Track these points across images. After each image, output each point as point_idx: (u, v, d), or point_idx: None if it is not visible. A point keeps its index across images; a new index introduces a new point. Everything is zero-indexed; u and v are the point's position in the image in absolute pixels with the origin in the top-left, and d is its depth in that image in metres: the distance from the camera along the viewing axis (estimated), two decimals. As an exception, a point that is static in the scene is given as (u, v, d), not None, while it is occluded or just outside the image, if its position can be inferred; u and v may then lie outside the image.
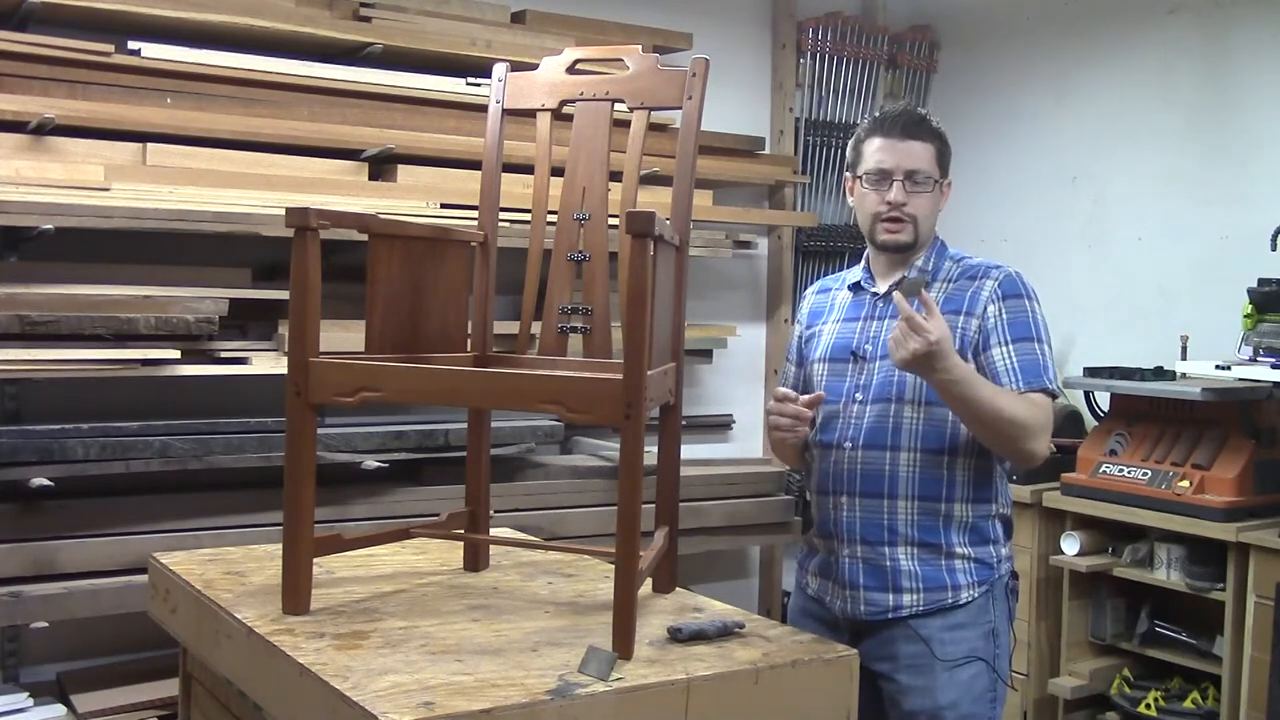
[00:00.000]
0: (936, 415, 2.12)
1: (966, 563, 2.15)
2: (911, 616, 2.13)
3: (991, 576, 2.17)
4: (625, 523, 1.70)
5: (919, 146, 2.17)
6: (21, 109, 2.94)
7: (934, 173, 2.18)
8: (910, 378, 2.11)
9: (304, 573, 1.89)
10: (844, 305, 2.30)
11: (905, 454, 2.14)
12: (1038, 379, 2.09)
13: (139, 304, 3.02)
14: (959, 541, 2.15)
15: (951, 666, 2.11)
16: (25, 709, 3.01)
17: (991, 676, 2.14)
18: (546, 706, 1.55)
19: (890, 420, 2.15)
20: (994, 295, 2.14)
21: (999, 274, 2.17)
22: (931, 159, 2.18)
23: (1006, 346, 2.11)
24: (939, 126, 2.23)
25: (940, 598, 2.13)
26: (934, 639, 2.11)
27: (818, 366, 2.29)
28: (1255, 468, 3.27)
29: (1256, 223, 3.49)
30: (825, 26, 4.55)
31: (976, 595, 2.14)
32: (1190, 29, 3.92)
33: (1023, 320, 2.13)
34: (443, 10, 3.67)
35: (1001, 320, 2.12)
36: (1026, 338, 2.12)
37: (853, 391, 2.20)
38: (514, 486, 3.53)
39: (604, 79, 2.18)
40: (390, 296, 2.02)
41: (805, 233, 4.54)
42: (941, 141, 2.21)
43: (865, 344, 2.21)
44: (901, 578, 2.13)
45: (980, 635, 2.14)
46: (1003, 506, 2.22)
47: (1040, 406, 2.08)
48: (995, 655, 2.15)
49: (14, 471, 2.87)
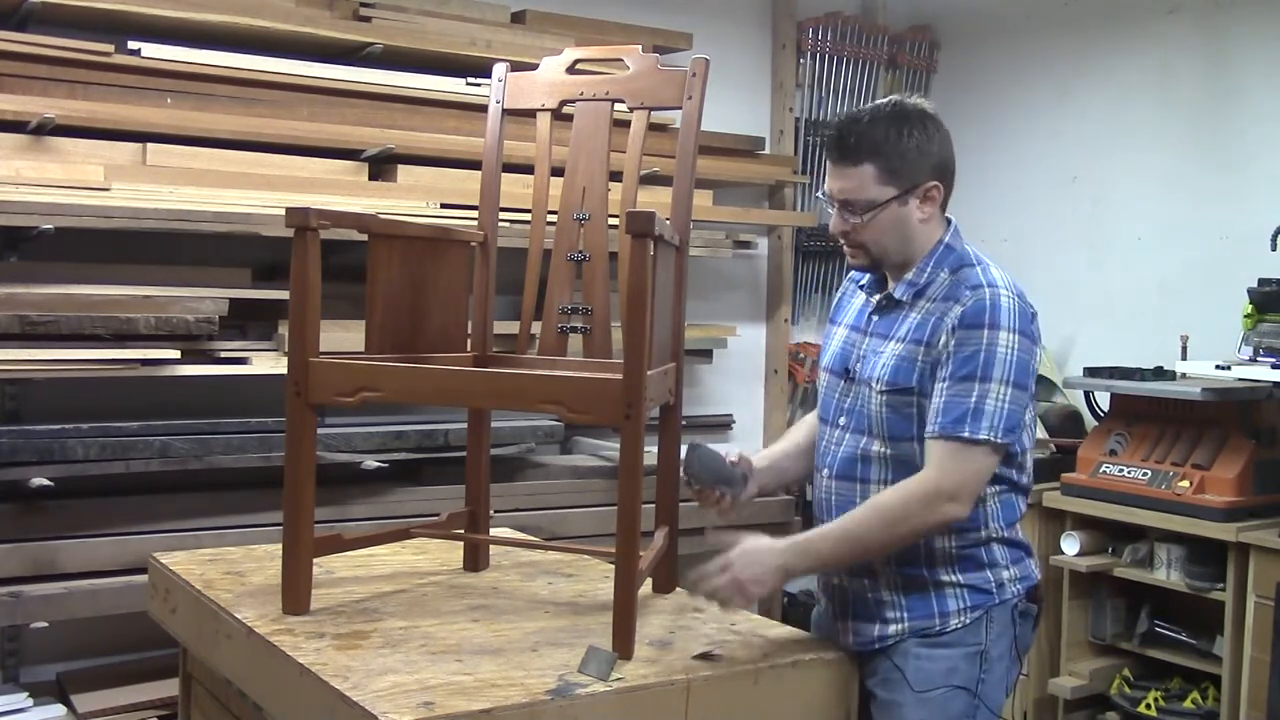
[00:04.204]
0: (904, 450, 1.97)
1: (957, 589, 1.99)
2: (899, 643, 1.99)
3: (989, 602, 1.99)
4: (625, 523, 1.70)
5: (851, 172, 1.95)
6: (21, 109, 2.94)
7: (874, 195, 1.95)
8: (874, 410, 1.99)
9: (304, 573, 1.89)
10: (856, 309, 2.15)
11: (875, 487, 1.99)
12: (959, 425, 1.86)
13: (139, 304, 3.01)
14: (945, 571, 1.99)
15: (924, 686, 1.96)
16: (25, 709, 3.01)
17: (971, 702, 1.97)
18: (546, 706, 1.55)
19: (859, 451, 2.02)
20: (953, 324, 1.91)
21: (969, 298, 1.92)
22: (868, 181, 1.94)
23: (944, 383, 1.90)
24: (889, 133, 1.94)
25: (927, 625, 1.98)
26: (910, 654, 1.98)
27: (821, 376, 2.17)
28: (1255, 468, 3.27)
29: (1256, 223, 3.49)
30: (825, 26, 4.55)
31: (968, 621, 1.99)
32: (1190, 29, 3.92)
33: (973, 355, 1.88)
34: (443, 10, 3.67)
35: (949, 354, 1.90)
36: (968, 376, 1.88)
37: (837, 415, 2.08)
38: (514, 486, 3.53)
39: (604, 79, 2.18)
40: (390, 296, 2.02)
41: (805, 233, 4.54)
42: (886, 154, 1.94)
43: (856, 361, 2.07)
44: (885, 609, 2.00)
45: (963, 656, 1.97)
46: (1000, 530, 2.01)
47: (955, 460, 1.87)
48: (980, 680, 1.97)
49: (14, 471, 2.87)
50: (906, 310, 1.99)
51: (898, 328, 1.99)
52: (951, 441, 1.87)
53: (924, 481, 1.89)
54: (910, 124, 1.96)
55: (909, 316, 1.98)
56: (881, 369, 1.98)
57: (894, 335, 1.99)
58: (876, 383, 1.98)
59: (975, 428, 1.86)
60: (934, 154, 1.98)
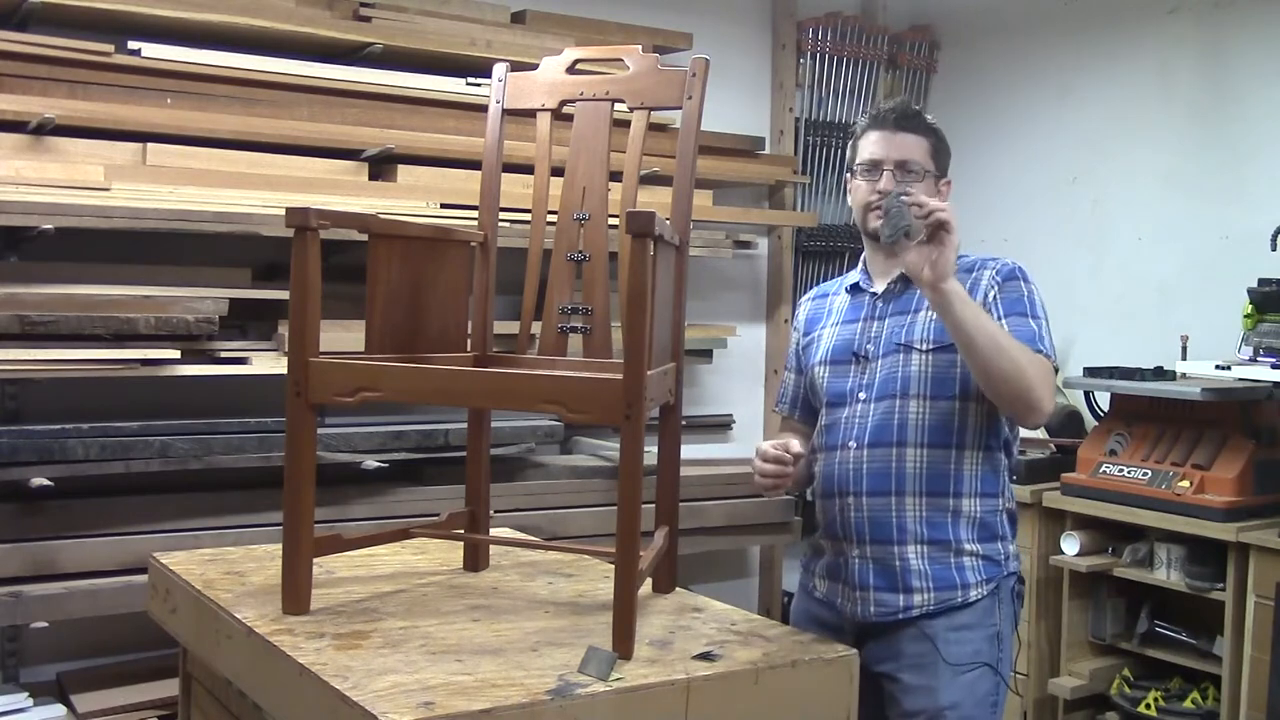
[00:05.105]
0: (942, 409, 2.12)
1: (975, 559, 2.14)
2: (921, 617, 2.12)
3: (999, 574, 2.16)
4: (625, 523, 1.70)
5: (911, 139, 2.18)
6: (21, 109, 2.95)
7: (927, 165, 2.18)
8: (915, 371, 2.12)
9: (304, 573, 1.89)
10: (842, 309, 2.29)
11: (912, 449, 2.12)
12: (1034, 343, 2.07)
13: (139, 304, 3.02)
14: (968, 537, 2.13)
15: (956, 667, 2.10)
16: (25, 709, 3.01)
17: (995, 680, 2.13)
18: (546, 706, 1.55)
19: (895, 416, 2.13)
20: (992, 281, 2.14)
21: (997, 264, 2.17)
22: (925, 152, 2.18)
23: (1002, 321, 2.10)
24: (935, 124, 2.23)
25: (950, 597, 2.12)
26: (940, 638, 2.10)
27: (819, 370, 2.27)
28: (1255, 468, 3.27)
29: (1256, 223, 3.49)
30: (825, 26, 4.55)
31: (984, 595, 2.13)
32: (1190, 29, 3.92)
33: (1018, 298, 2.13)
34: (443, 10, 3.67)
35: (998, 300, 2.12)
36: (1022, 313, 2.11)
37: (855, 391, 2.19)
38: (514, 486, 3.53)
39: (604, 79, 2.18)
40: (390, 296, 2.02)
41: (805, 233, 4.54)
42: (936, 137, 2.21)
43: (867, 344, 2.20)
44: (911, 577, 2.12)
45: (985, 638, 2.13)
46: (1009, 501, 2.21)
47: (1039, 363, 2.05)
48: (999, 659, 2.14)
49: (14, 471, 2.87)
50: None
51: (919, 300, 2.14)
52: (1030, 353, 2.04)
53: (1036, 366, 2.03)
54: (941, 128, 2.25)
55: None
56: (923, 330, 2.14)
57: (920, 307, 2.15)
58: (921, 343, 2.13)
59: (1043, 345, 2.08)
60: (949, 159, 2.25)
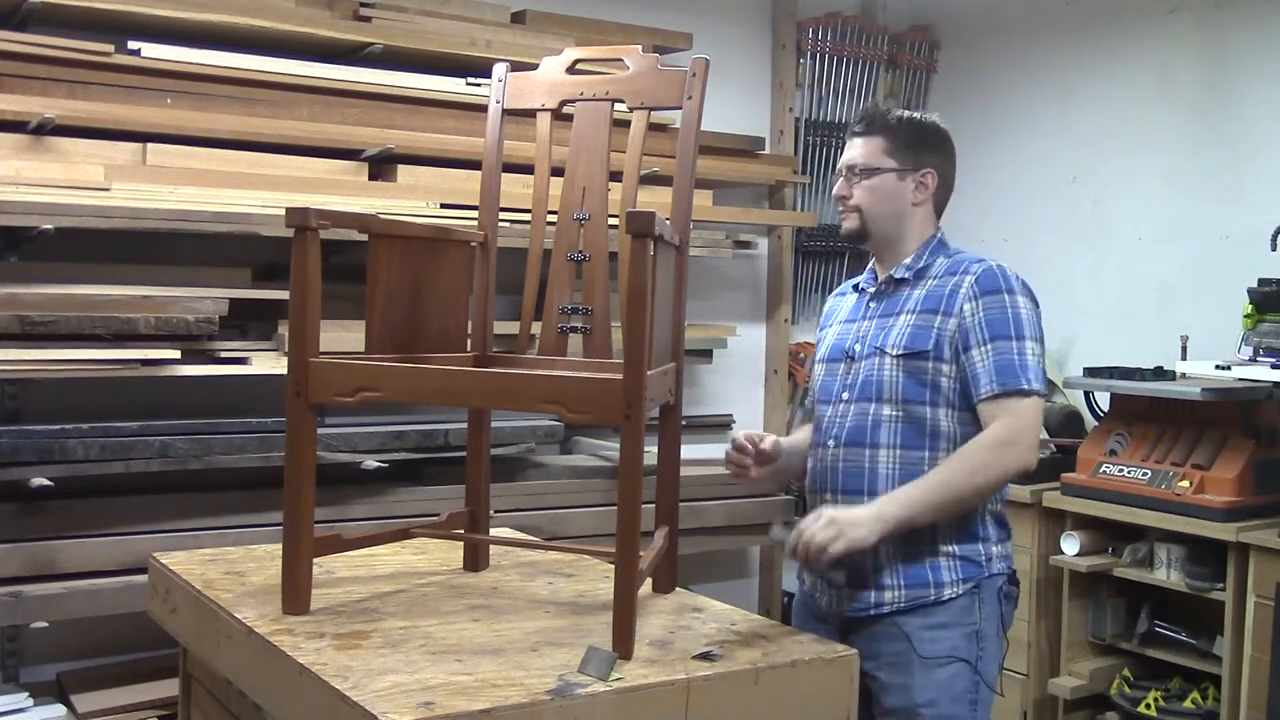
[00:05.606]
0: (915, 414, 2.12)
1: (951, 560, 2.12)
2: (894, 613, 2.12)
3: (979, 575, 2.14)
4: (625, 523, 1.70)
5: (862, 141, 2.22)
6: (21, 109, 2.94)
7: (881, 163, 2.19)
8: (886, 375, 2.14)
9: (304, 573, 1.89)
10: (848, 308, 2.33)
11: (885, 451, 2.14)
12: (1014, 379, 2.05)
13: (139, 304, 3.01)
14: (943, 538, 2.12)
15: (930, 665, 2.09)
16: (25, 709, 3.01)
17: (973, 678, 2.11)
18: (546, 706, 1.55)
19: (869, 419, 2.15)
20: (970, 293, 2.10)
21: (978, 268, 2.13)
22: (876, 151, 2.19)
23: (984, 347, 2.07)
24: (907, 118, 2.22)
25: (922, 594, 2.11)
26: (915, 636, 2.10)
27: (818, 368, 2.32)
28: (1255, 468, 3.27)
29: (1256, 223, 3.49)
30: (825, 26, 4.55)
31: (960, 593, 2.11)
32: (1190, 29, 3.92)
33: (1000, 317, 2.08)
34: (443, 10, 3.67)
35: (979, 319, 2.09)
36: (1004, 335, 2.07)
37: (840, 391, 2.22)
38: (514, 486, 3.53)
39: (604, 79, 2.18)
40: (390, 296, 2.02)
41: (805, 233, 4.54)
42: (897, 134, 2.20)
43: (855, 344, 2.23)
44: (883, 575, 2.12)
45: (962, 635, 2.11)
46: (993, 503, 2.17)
47: (1015, 413, 2.04)
48: (978, 657, 2.12)
49: (14, 471, 2.87)
50: (909, 288, 2.19)
51: (903, 303, 2.17)
52: (1010, 397, 2.05)
53: (996, 432, 2.04)
54: (921, 122, 2.24)
55: (913, 294, 2.18)
56: (896, 336, 2.15)
57: (901, 310, 2.17)
58: (892, 349, 2.14)
59: (1025, 379, 2.05)
60: (934, 151, 2.23)
